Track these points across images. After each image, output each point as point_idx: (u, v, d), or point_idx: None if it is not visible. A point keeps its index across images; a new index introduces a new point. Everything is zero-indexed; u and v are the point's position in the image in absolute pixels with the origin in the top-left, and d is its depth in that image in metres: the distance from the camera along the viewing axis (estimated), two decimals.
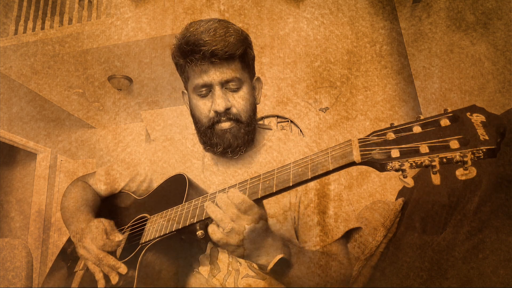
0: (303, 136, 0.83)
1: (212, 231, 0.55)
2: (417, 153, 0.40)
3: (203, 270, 0.74)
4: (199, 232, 0.60)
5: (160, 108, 4.16)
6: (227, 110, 0.72)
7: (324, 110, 2.87)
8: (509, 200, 0.60)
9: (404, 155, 0.40)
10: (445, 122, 0.40)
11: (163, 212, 0.69)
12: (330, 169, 0.47)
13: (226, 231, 0.53)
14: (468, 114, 0.39)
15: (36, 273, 3.38)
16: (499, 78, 1.50)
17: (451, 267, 0.65)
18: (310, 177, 0.48)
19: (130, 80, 3.56)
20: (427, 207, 0.94)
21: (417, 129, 0.42)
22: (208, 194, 0.62)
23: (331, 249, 0.70)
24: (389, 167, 0.41)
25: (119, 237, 0.69)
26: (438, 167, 0.38)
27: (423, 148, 0.39)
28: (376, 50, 2.87)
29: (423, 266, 0.76)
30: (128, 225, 0.79)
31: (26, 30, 3.17)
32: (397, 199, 1.25)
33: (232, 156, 0.76)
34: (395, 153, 0.41)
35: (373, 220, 1.17)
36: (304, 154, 0.77)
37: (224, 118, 0.72)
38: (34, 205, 3.69)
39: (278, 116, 3.04)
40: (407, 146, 0.41)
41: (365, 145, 0.44)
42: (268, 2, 3.06)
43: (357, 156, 0.44)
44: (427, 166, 0.39)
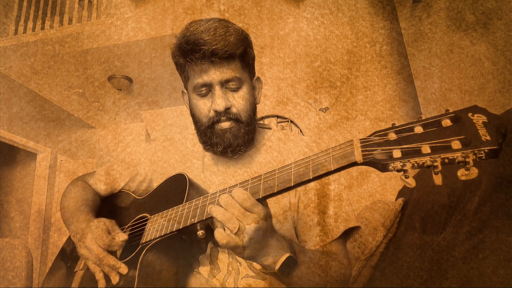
0: (303, 136, 0.83)
1: (219, 235, 0.53)
2: (419, 153, 0.39)
3: (203, 270, 0.74)
4: (199, 232, 0.60)
5: (160, 108, 4.16)
6: (227, 109, 0.72)
7: (324, 110, 2.87)
8: (509, 200, 0.60)
9: (406, 155, 0.40)
10: (446, 123, 0.40)
11: (163, 212, 0.69)
12: (332, 169, 0.47)
13: (234, 231, 0.52)
14: (470, 115, 0.39)
15: (36, 273, 3.38)
16: (499, 78, 1.50)
17: (451, 267, 0.65)
18: (312, 177, 0.48)
19: (130, 80, 3.56)
20: (427, 207, 0.94)
21: (418, 129, 0.41)
22: (208, 194, 0.62)
23: (331, 249, 0.70)
24: (391, 168, 0.41)
25: (123, 237, 0.68)
26: (440, 167, 0.38)
27: (425, 149, 0.39)
28: (376, 50, 2.87)
29: (423, 266, 0.76)
30: (128, 225, 0.79)
31: (26, 30, 3.17)
32: (397, 199, 1.24)
33: (232, 156, 0.76)
34: (396, 153, 0.41)
35: (373, 220, 1.17)
36: (304, 154, 0.77)
37: (224, 118, 0.72)
38: (34, 205, 3.69)
39: (278, 116, 3.03)
40: (409, 146, 0.41)
41: (366, 145, 0.44)
42: (268, 2, 3.06)
43: (359, 157, 0.44)
44: (429, 167, 0.39)
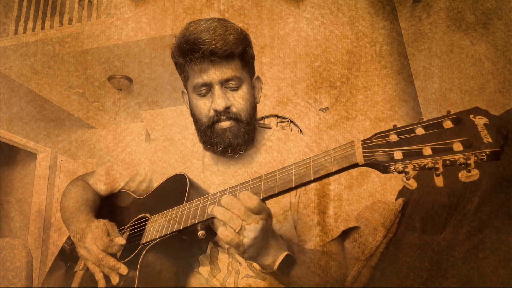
0: (303, 136, 0.83)
1: (222, 233, 0.52)
2: (420, 155, 0.39)
3: (203, 270, 0.74)
4: (200, 233, 0.60)
5: (160, 108, 4.16)
6: (227, 109, 0.71)
7: (324, 110, 2.87)
8: (509, 200, 0.60)
9: (407, 157, 0.40)
10: (448, 124, 0.40)
11: (164, 212, 0.69)
12: (333, 170, 0.46)
13: (237, 230, 0.51)
14: (471, 116, 0.39)
15: (36, 273, 3.38)
16: (499, 78, 1.50)
17: (451, 267, 0.65)
18: (313, 178, 0.48)
19: (130, 80, 3.56)
20: (427, 207, 0.94)
21: (420, 131, 0.41)
22: (209, 195, 0.61)
23: (331, 249, 0.70)
24: (392, 169, 0.41)
25: (122, 241, 0.69)
26: (441, 169, 0.38)
27: (426, 150, 0.39)
28: (376, 50, 2.87)
29: (423, 266, 0.76)
30: (128, 225, 0.79)
31: (26, 30, 3.17)
32: (397, 199, 1.24)
33: (232, 156, 0.76)
34: (398, 155, 0.41)
35: (373, 220, 1.16)
36: (304, 154, 0.77)
37: (224, 117, 0.72)
38: (34, 205, 3.69)
39: (278, 116, 3.03)
40: (410, 148, 0.40)
41: (367, 146, 0.44)
42: (268, 2, 3.06)
43: (360, 158, 0.44)
44: (430, 169, 0.38)
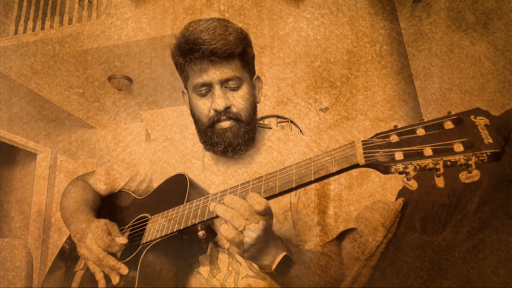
0: (303, 136, 0.82)
1: (225, 230, 0.52)
2: (421, 156, 0.39)
3: (203, 270, 0.74)
4: (200, 233, 0.60)
5: (160, 108, 4.16)
6: (227, 109, 0.71)
7: (324, 110, 2.87)
8: (509, 200, 0.60)
9: (408, 157, 0.40)
10: (448, 125, 0.40)
11: (164, 212, 0.69)
12: (333, 171, 0.46)
13: (240, 229, 0.51)
14: (472, 117, 0.39)
15: (36, 273, 3.38)
16: (499, 78, 1.50)
17: (451, 267, 0.65)
18: (313, 179, 0.48)
19: (130, 80, 3.56)
20: (427, 207, 0.94)
21: (420, 131, 0.41)
22: (209, 195, 0.61)
23: (331, 249, 0.70)
24: (393, 170, 0.41)
25: (123, 240, 0.68)
26: (442, 170, 0.38)
27: (427, 151, 0.39)
28: (376, 50, 2.87)
29: (423, 266, 0.76)
30: (128, 225, 0.79)
31: (26, 30, 3.17)
32: (397, 199, 1.24)
33: (232, 155, 0.75)
34: (399, 155, 0.40)
35: (373, 220, 1.16)
36: (304, 154, 0.77)
37: (224, 117, 0.72)
38: (34, 205, 3.69)
39: (278, 116, 3.03)
40: (411, 148, 0.40)
41: (368, 147, 0.44)
42: (268, 2, 3.06)
43: (361, 159, 0.44)
44: (431, 169, 0.38)
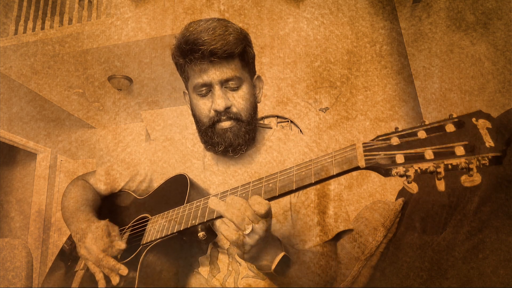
0: (303, 136, 0.82)
1: (225, 230, 0.52)
2: (422, 159, 0.39)
3: (203, 270, 0.74)
4: (200, 234, 0.60)
5: (160, 108, 4.16)
6: (227, 109, 0.71)
7: (324, 110, 2.87)
8: (509, 200, 0.60)
9: (409, 160, 0.40)
10: (450, 128, 0.39)
11: (164, 213, 0.69)
12: (334, 173, 0.46)
13: (247, 231, 0.50)
14: (474, 120, 0.38)
15: (36, 273, 3.38)
16: (499, 78, 1.50)
17: (451, 267, 0.65)
18: (313, 181, 0.48)
19: (130, 80, 3.56)
20: (427, 207, 0.94)
21: (422, 134, 0.41)
22: (209, 196, 0.61)
23: (331, 248, 0.70)
24: (393, 173, 0.40)
25: (122, 245, 0.69)
26: (443, 173, 0.37)
27: (428, 154, 0.38)
28: (376, 50, 2.87)
29: (423, 266, 0.76)
30: (129, 225, 0.79)
31: (26, 30, 3.17)
32: (397, 199, 1.24)
33: (233, 155, 0.76)
34: (399, 158, 0.40)
35: (373, 220, 1.17)
36: (304, 154, 0.77)
37: (224, 117, 0.72)
38: (34, 205, 3.69)
39: (278, 116, 3.03)
40: (412, 151, 0.40)
41: (369, 149, 0.44)
42: (268, 2, 3.06)
43: (361, 161, 0.43)
44: (432, 173, 0.38)
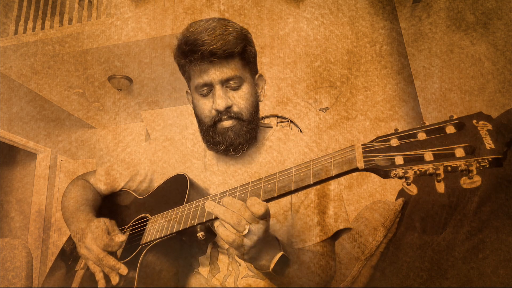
0: (303, 136, 0.82)
1: (223, 233, 0.52)
2: (421, 160, 0.38)
3: (203, 270, 0.74)
4: (199, 234, 0.60)
5: (160, 108, 4.16)
6: (228, 108, 0.72)
7: (324, 110, 2.87)
8: (509, 200, 0.60)
9: (408, 162, 0.39)
10: (450, 129, 0.39)
11: (164, 213, 0.69)
12: (333, 175, 0.46)
13: (244, 233, 0.50)
14: (474, 122, 0.38)
15: (36, 273, 3.38)
16: (499, 78, 1.50)
17: (451, 267, 0.65)
18: (312, 182, 0.48)
19: (130, 80, 3.56)
20: (427, 207, 0.94)
21: (421, 135, 0.40)
22: (209, 196, 0.61)
23: (331, 248, 0.70)
24: (392, 174, 0.40)
25: (122, 238, 0.68)
26: (442, 175, 0.37)
27: (428, 156, 0.38)
28: (376, 50, 2.87)
29: (423, 266, 0.76)
30: (128, 225, 0.79)
31: (26, 30, 3.17)
32: (397, 199, 1.24)
33: (234, 154, 0.76)
34: (399, 160, 0.40)
35: (373, 220, 1.17)
36: (304, 154, 0.77)
37: (225, 117, 0.72)
38: (34, 205, 3.69)
39: (278, 116, 3.04)
40: (412, 153, 0.40)
41: (368, 151, 0.43)
42: (268, 2, 3.06)
43: (360, 163, 0.43)
44: (431, 174, 0.38)
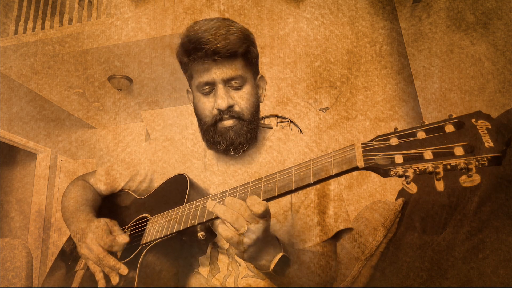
0: (303, 136, 0.82)
1: (224, 230, 0.52)
2: (421, 159, 0.39)
3: (203, 270, 0.74)
4: (200, 234, 0.60)
5: (160, 108, 4.16)
6: (230, 107, 0.72)
7: (324, 110, 2.87)
8: (509, 200, 0.60)
9: (408, 161, 0.40)
10: (449, 128, 0.39)
11: (164, 213, 0.69)
12: (333, 173, 0.46)
13: (242, 231, 0.51)
14: (473, 121, 0.38)
15: (36, 273, 3.38)
16: (499, 78, 1.50)
17: (451, 267, 0.65)
18: (312, 181, 0.48)
19: (130, 80, 3.56)
20: (427, 207, 0.94)
21: (421, 134, 0.41)
22: (209, 196, 0.61)
23: (331, 248, 0.70)
24: (392, 173, 0.40)
25: (125, 239, 0.68)
26: (442, 174, 0.37)
27: (427, 154, 0.38)
28: (376, 50, 2.87)
29: (423, 266, 0.76)
30: (128, 225, 0.79)
31: (26, 30, 3.17)
32: (397, 199, 1.24)
33: (234, 154, 0.76)
34: (398, 159, 0.40)
35: (373, 220, 1.17)
36: (304, 154, 0.77)
37: (226, 116, 0.72)
38: (34, 205, 3.69)
39: (278, 116, 3.04)
40: (411, 152, 0.40)
41: (368, 150, 0.44)
42: (268, 2, 3.06)
43: (360, 162, 0.43)
44: (431, 173, 0.38)
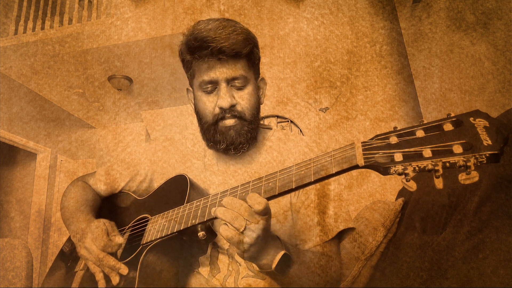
0: (303, 136, 0.83)
1: (224, 230, 0.52)
2: (420, 157, 0.40)
3: (203, 270, 0.74)
4: (200, 234, 0.60)
5: (160, 108, 4.16)
6: (232, 107, 0.72)
7: (324, 110, 2.87)
8: (509, 200, 0.60)
9: (407, 159, 0.40)
10: (448, 127, 0.40)
11: (164, 213, 0.69)
12: (333, 172, 0.47)
13: (240, 230, 0.51)
14: (472, 119, 0.39)
15: (36, 273, 3.38)
16: (499, 78, 1.50)
17: (451, 267, 0.65)
18: (313, 180, 0.49)
19: (130, 80, 3.56)
20: (427, 207, 0.94)
21: (420, 133, 0.42)
22: (209, 196, 0.62)
23: (331, 248, 0.70)
24: (392, 171, 0.41)
25: (120, 240, 0.69)
26: (441, 171, 0.38)
27: (426, 152, 0.39)
28: (376, 50, 2.87)
29: (423, 266, 0.76)
30: (129, 225, 0.79)
31: (26, 30, 3.17)
32: (397, 199, 1.24)
33: (234, 154, 0.76)
34: (398, 157, 0.41)
35: (373, 220, 1.16)
36: (304, 154, 0.77)
37: (228, 115, 0.72)
38: (34, 205, 3.69)
39: (278, 116, 3.03)
40: (410, 150, 0.41)
41: (368, 148, 0.44)
42: (268, 2, 3.06)
43: (360, 160, 0.44)
44: (430, 171, 0.39)
